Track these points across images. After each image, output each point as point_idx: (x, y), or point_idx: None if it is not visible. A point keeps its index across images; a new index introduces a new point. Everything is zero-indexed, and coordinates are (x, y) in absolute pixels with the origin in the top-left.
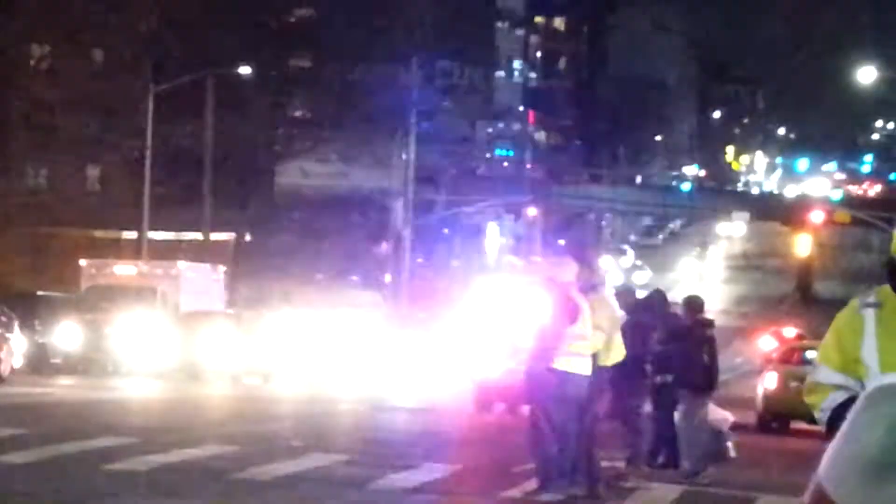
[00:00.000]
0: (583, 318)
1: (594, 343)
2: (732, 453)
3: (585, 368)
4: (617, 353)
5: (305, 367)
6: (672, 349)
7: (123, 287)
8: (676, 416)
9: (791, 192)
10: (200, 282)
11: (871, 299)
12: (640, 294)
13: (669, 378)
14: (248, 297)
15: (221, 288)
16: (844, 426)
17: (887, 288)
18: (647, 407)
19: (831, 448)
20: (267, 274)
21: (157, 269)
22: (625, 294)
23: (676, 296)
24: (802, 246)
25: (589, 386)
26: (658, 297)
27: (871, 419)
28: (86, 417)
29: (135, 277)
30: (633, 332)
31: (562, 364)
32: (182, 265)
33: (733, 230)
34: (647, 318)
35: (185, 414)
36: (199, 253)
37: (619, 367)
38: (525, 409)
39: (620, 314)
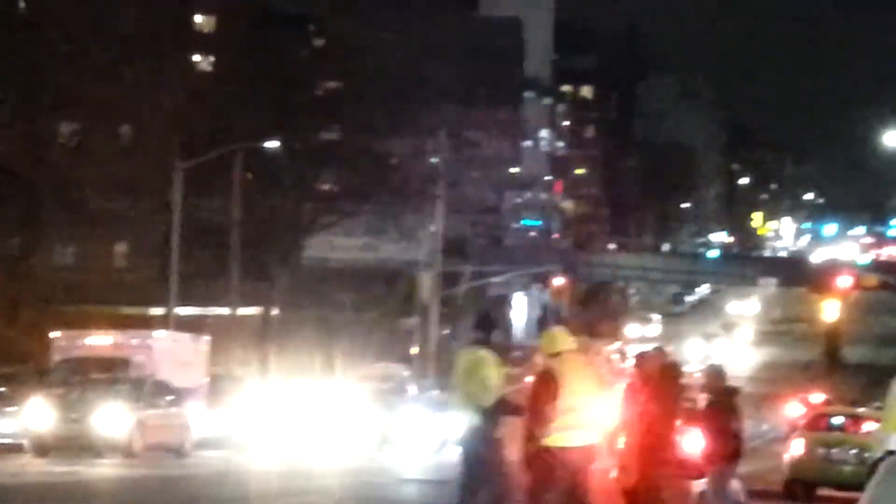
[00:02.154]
0: (566, 390)
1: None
2: None
3: (579, 440)
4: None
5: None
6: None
7: (96, 359)
8: (705, 485)
9: (819, 257)
10: (180, 352)
11: None
12: None
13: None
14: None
15: (204, 359)
16: (866, 494)
17: None
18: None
19: None
20: (296, 348)
21: (132, 339)
22: (714, 375)
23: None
24: (830, 311)
25: (583, 458)
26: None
27: (891, 486)
28: (120, 496)
29: (108, 349)
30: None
31: (553, 440)
32: (159, 334)
33: (745, 309)
34: None
35: (216, 490)
36: (228, 328)
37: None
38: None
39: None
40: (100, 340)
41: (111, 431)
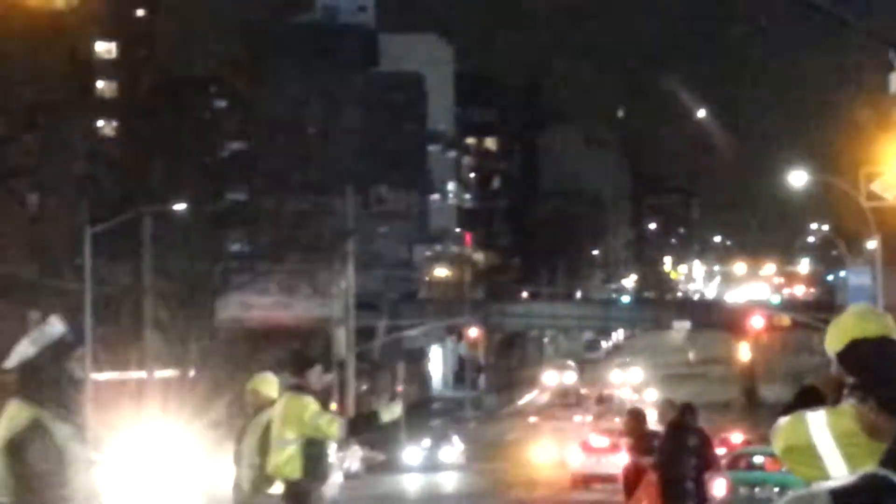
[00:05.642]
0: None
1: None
2: None
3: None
4: None
5: None
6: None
7: None
8: None
9: (731, 298)
10: None
11: None
12: None
13: None
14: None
15: None
16: None
17: None
18: None
19: None
20: (212, 408)
21: None
22: (634, 419)
23: None
24: (745, 351)
25: None
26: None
27: None
28: None
29: None
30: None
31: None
32: None
33: (628, 377)
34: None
35: None
36: (145, 392)
37: None
38: None
39: None
40: None
41: None
